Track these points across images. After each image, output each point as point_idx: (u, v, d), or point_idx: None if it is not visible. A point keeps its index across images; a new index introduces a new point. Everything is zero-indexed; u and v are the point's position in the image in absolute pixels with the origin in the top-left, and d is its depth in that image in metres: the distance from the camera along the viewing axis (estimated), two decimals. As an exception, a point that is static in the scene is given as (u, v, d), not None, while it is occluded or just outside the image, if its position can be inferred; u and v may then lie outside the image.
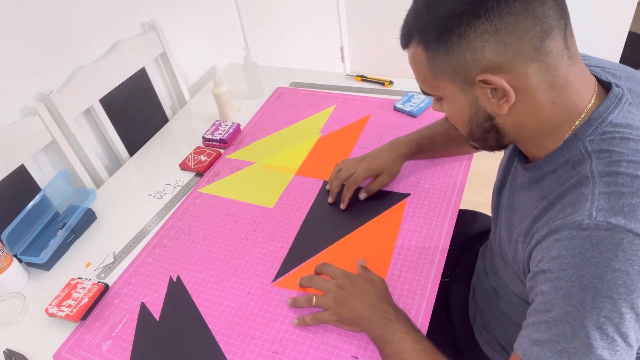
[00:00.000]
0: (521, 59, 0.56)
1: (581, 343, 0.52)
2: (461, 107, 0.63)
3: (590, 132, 0.59)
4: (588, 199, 0.55)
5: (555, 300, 0.54)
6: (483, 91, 0.59)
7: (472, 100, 0.61)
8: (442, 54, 0.59)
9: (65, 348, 0.86)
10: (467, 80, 0.59)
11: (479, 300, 0.93)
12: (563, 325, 0.53)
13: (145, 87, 1.38)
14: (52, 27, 1.12)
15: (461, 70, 0.59)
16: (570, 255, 0.53)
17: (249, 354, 0.80)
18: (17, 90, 1.07)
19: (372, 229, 0.98)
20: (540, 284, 0.57)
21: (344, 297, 0.80)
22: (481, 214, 1.17)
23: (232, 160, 1.23)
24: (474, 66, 0.58)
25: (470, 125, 0.64)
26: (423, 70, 0.63)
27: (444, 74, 0.61)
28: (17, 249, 1.00)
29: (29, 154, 1.08)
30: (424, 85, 0.66)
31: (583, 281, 0.52)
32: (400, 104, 1.28)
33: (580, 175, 0.57)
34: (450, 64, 0.59)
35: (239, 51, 1.70)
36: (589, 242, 0.52)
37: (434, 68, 0.61)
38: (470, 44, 0.56)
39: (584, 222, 0.53)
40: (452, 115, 0.66)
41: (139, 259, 1.00)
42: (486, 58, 0.56)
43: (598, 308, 0.51)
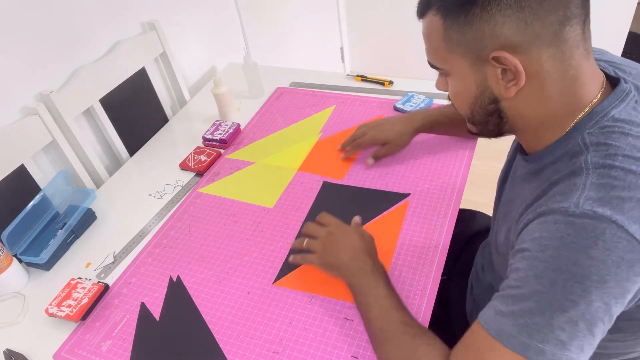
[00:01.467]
0: (538, 41, 0.55)
1: (543, 321, 0.53)
2: (468, 85, 0.62)
3: (590, 125, 0.59)
4: (579, 189, 0.55)
5: (528, 277, 0.55)
6: (493, 70, 0.59)
7: (481, 79, 0.60)
8: (461, 25, 0.58)
9: (65, 348, 0.86)
10: (480, 57, 0.58)
11: (476, 296, 0.93)
12: (530, 301, 0.54)
13: (145, 87, 1.38)
14: (52, 27, 1.12)
15: (477, 44, 0.58)
16: (551, 238, 0.54)
17: (249, 354, 0.80)
18: (17, 90, 1.07)
19: (373, 229, 0.97)
20: (517, 261, 0.58)
21: (331, 243, 0.85)
22: (479, 213, 1.17)
23: (232, 160, 1.23)
24: (490, 42, 0.57)
25: (474, 106, 0.64)
26: (437, 40, 0.61)
27: (458, 46, 0.59)
28: (17, 249, 1.00)
29: (29, 154, 1.08)
30: (434, 57, 0.65)
31: (558, 264, 0.53)
32: (400, 104, 1.28)
33: (575, 165, 0.58)
34: (466, 36, 0.58)
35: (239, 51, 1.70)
36: (571, 228, 0.53)
37: (449, 39, 0.60)
38: (491, 17, 0.55)
39: (570, 209, 0.54)
40: (457, 92, 0.65)
41: (139, 259, 1.00)
42: (504, 34, 0.56)
43: (568, 292, 0.52)
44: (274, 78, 1.51)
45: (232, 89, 1.44)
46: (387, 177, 1.09)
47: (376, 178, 1.09)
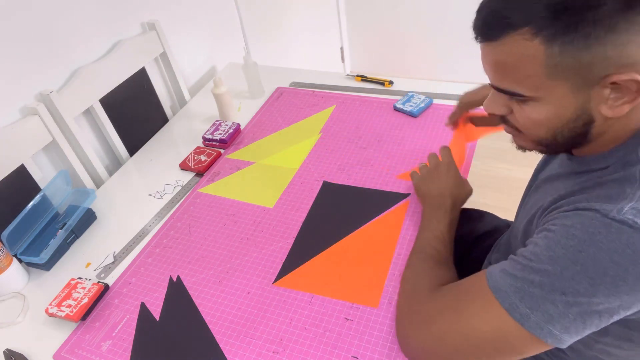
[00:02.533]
0: None
1: (540, 293, 0.55)
2: (563, 111, 0.56)
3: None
4: (627, 197, 0.53)
5: (542, 255, 0.56)
6: (600, 92, 0.53)
7: (582, 102, 0.54)
8: (576, 50, 0.50)
9: (65, 348, 0.86)
10: (589, 81, 0.52)
11: None
12: (535, 275, 0.55)
13: (145, 87, 1.38)
14: (52, 27, 1.12)
15: (591, 68, 0.51)
16: (581, 230, 0.54)
17: (249, 354, 0.80)
18: (17, 90, 1.07)
19: (373, 229, 0.98)
20: (539, 237, 0.58)
21: (433, 176, 0.95)
22: (488, 213, 1.17)
23: (232, 160, 1.23)
24: (610, 64, 0.50)
25: (561, 130, 0.58)
26: (533, 67, 0.53)
27: (564, 72, 0.52)
28: (17, 249, 1.00)
29: (29, 154, 1.08)
30: (521, 85, 0.56)
31: (578, 256, 0.53)
32: (400, 104, 1.28)
33: (628, 173, 0.56)
34: (582, 61, 0.51)
35: (239, 51, 1.70)
36: (606, 229, 0.52)
37: (554, 65, 0.52)
38: (617, 38, 0.49)
39: (611, 214, 0.53)
40: (540, 119, 0.58)
41: (139, 259, 1.00)
42: (627, 54, 0.49)
43: (575, 281, 0.53)
44: (274, 78, 1.51)
45: (232, 89, 1.44)
46: (387, 177, 1.09)
47: (376, 178, 1.09)
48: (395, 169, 1.10)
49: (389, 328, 0.80)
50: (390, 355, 0.77)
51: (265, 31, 2.02)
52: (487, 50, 0.57)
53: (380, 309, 0.83)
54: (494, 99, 0.62)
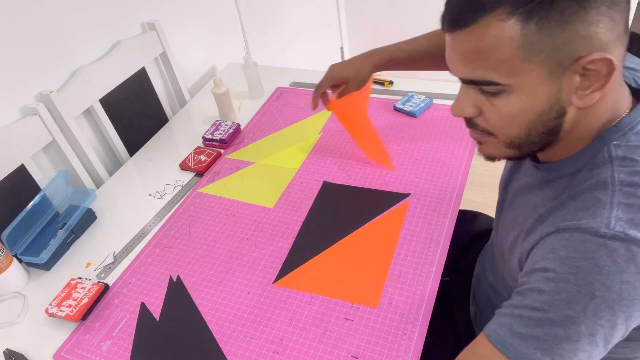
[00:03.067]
0: (619, 40, 0.51)
1: (570, 346, 0.51)
2: (537, 100, 0.53)
3: (617, 137, 0.56)
4: (606, 206, 0.53)
5: (556, 301, 0.52)
6: (571, 79, 0.52)
7: (555, 90, 0.53)
8: (552, 26, 0.49)
9: (65, 348, 0.86)
10: (562, 64, 0.51)
11: (479, 299, 0.93)
12: (558, 327, 0.52)
13: (145, 87, 1.38)
14: (52, 27, 1.12)
15: (565, 48, 0.50)
16: (581, 259, 0.51)
17: (249, 354, 0.80)
18: (17, 90, 1.07)
19: (373, 229, 0.98)
20: (537, 282, 0.54)
21: None
22: (481, 214, 1.17)
23: (232, 160, 1.23)
24: (583, 44, 0.49)
25: (534, 124, 0.56)
26: (508, 50, 0.51)
27: (540, 53, 0.50)
28: (17, 249, 1.00)
29: (29, 154, 1.08)
30: (495, 71, 0.53)
31: (591, 288, 0.50)
32: (400, 104, 1.28)
33: (598, 179, 0.55)
34: (556, 39, 0.49)
35: (239, 51, 1.70)
36: (603, 250, 0.51)
37: (530, 45, 0.50)
38: (587, 16, 0.48)
39: (602, 230, 0.51)
40: (515, 113, 0.55)
41: (139, 259, 1.00)
42: (598, 35, 0.49)
43: (597, 317, 0.50)
44: (274, 78, 1.51)
45: (232, 89, 1.44)
46: (387, 177, 1.09)
47: (376, 178, 1.09)
48: (395, 169, 1.10)
49: (389, 328, 0.80)
50: (390, 355, 0.77)
51: (265, 31, 2.02)
52: (459, 39, 0.54)
53: (380, 309, 0.83)
54: (462, 98, 0.59)
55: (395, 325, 0.80)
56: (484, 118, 0.58)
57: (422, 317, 0.81)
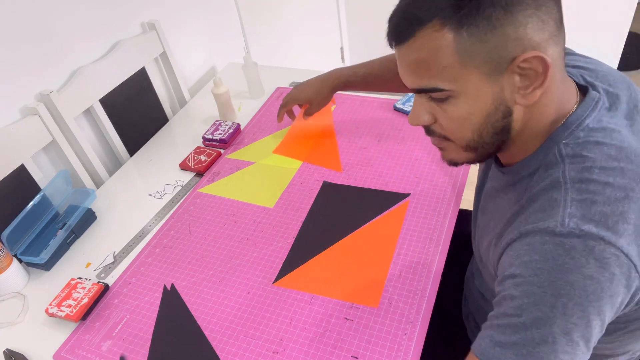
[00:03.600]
0: (552, 39, 0.54)
1: (547, 348, 0.52)
2: (481, 102, 0.57)
3: (566, 136, 0.58)
4: (560, 205, 0.54)
5: (526, 305, 0.53)
6: (511, 78, 0.55)
7: (498, 90, 0.56)
8: (482, 32, 0.52)
9: (65, 348, 0.86)
10: (500, 65, 0.54)
11: (470, 302, 0.93)
12: (532, 330, 0.52)
13: (145, 87, 1.38)
14: (52, 27, 1.12)
15: (499, 51, 0.53)
16: (542, 260, 0.53)
17: (249, 354, 0.80)
18: (17, 90, 1.07)
19: (373, 229, 0.98)
20: (508, 288, 0.55)
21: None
22: None
23: (232, 160, 1.23)
24: (515, 45, 0.53)
25: (484, 126, 0.58)
26: (446, 57, 0.54)
27: (475, 58, 0.54)
28: (17, 249, 1.00)
29: (29, 154, 1.08)
30: (438, 78, 0.56)
31: (555, 287, 0.51)
32: (400, 104, 1.28)
33: (551, 178, 0.57)
34: (488, 43, 0.53)
35: (239, 51, 1.70)
36: (561, 248, 0.52)
37: (465, 51, 0.53)
38: (514, 19, 0.52)
39: (557, 229, 0.53)
40: (463, 116, 0.58)
41: (139, 259, 1.00)
42: (528, 35, 0.52)
43: (568, 315, 0.51)
44: (274, 78, 1.51)
45: (232, 89, 1.44)
46: (387, 177, 1.09)
47: (376, 178, 1.09)
48: (395, 169, 1.10)
49: (389, 328, 0.80)
50: (390, 355, 0.77)
51: (266, 31, 2.02)
52: (403, 52, 0.58)
53: (380, 309, 0.83)
54: (417, 108, 0.62)
55: (395, 325, 0.80)
56: (439, 124, 0.62)
57: (422, 317, 0.81)
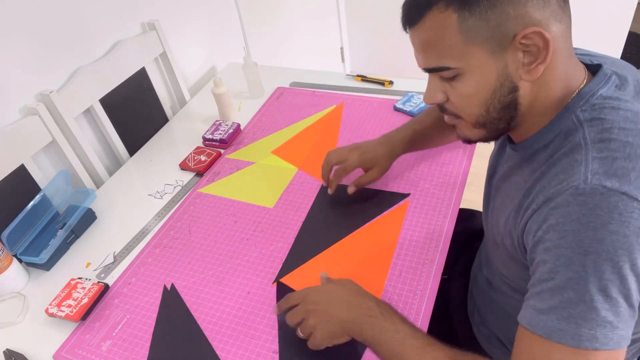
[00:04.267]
0: (553, 17, 0.56)
1: (586, 307, 0.53)
2: (486, 79, 0.60)
3: (582, 104, 0.60)
4: (582, 164, 0.56)
5: (558, 267, 0.54)
6: (514, 55, 0.58)
7: (502, 67, 0.59)
8: (483, 10, 0.56)
9: (65, 348, 0.86)
10: (502, 42, 0.57)
11: (476, 295, 0.93)
12: (567, 291, 0.54)
13: (145, 87, 1.38)
14: (52, 27, 1.12)
15: (500, 28, 0.56)
16: (568, 222, 0.54)
17: (249, 354, 0.80)
18: (17, 90, 1.07)
19: (373, 229, 0.98)
20: (540, 254, 0.57)
21: (318, 313, 0.72)
22: (478, 212, 1.17)
23: (232, 160, 1.23)
24: (516, 23, 0.56)
25: (491, 101, 0.61)
26: (451, 36, 0.58)
27: (478, 36, 0.57)
28: (17, 249, 1.00)
29: (29, 154, 1.08)
30: (446, 56, 0.60)
31: (583, 246, 0.53)
32: (400, 104, 1.28)
33: (572, 143, 0.59)
34: (489, 21, 0.56)
35: (239, 51, 1.70)
36: (585, 208, 0.53)
37: (468, 30, 0.57)
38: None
39: (580, 187, 0.54)
40: (470, 92, 0.62)
41: (139, 259, 1.00)
42: (528, 13, 0.55)
43: (600, 271, 0.52)
44: (274, 78, 1.51)
45: (232, 89, 1.44)
46: (387, 177, 1.09)
47: (376, 178, 1.09)
48: (395, 169, 1.10)
49: (389, 328, 0.80)
50: (390, 355, 0.77)
51: (266, 31, 2.02)
52: (414, 35, 0.63)
53: (380, 309, 0.83)
54: (430, 87, 0.66)
55: (395, 325, 0.80)
56: (450, 102, 0.66)
57: (422, 317, 0.81)
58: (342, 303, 0.72)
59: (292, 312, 0.75)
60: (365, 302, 0.72)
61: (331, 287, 0.77)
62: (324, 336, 0.71)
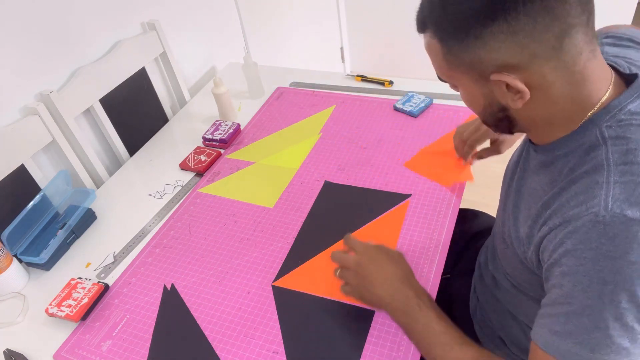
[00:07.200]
0: (537, 59, 0.55)
1: (601, 334, 0.53)
2: (475, 97, 0.64)
3: (607, 119, 0.58)
4: (603, 187, 0.55)
5: (575, 293, 0.54)
6: (498, 86, 0.59)
7: (487, 92, 0.61)
8: (457, 51, 0.59)
9: (65, 348, 0.86)
10: (482, 76, 0.59)
11: (479, 294, 0.93)
12: (583, 318, 0.54)
13: (145, 87, 1.38)
14: (52, 27, 1.12)
15: (476, 66, 0.59)
16: (586, 250, 0.54)
17: (249, 354, 0.80)
18: (17, 90, 1.07)
19: (373, 229, 0.98)
20: (557, 277, 0.57)
21: (363, 276, 0.76)
22: (482, 213, 1.17)
23: (232, 160, 1.23)
24: (489, 64, 0.57)
25: (484, 113, 0.65)
26: (438, 60, 0.63)
27: (459, 67, 0.60)
28: (17, 249, 1.00)
29: (29, 154, 1.08)
30: (439, 72, 0.66)
31: (601, 275, 0.52)
32: (400, 104, 1.28)
33: (595, 161, 0.57)
34: (465, 60, 0.59)
35: (239, 51, 1.70)
36: (604, 237, 0.53)
37: (449, 61, 0.61)
38: (485, 44, 0.56)
39: (600, 214, 0.53)
40: (467, 101, 0.67)
41: (139, 259, 1.00)
42: (501, 58, 0.56)
43: (617, 300, 0.52)
44: (274, 78, 1.51)
45: (232, 89, 1.44)
46: (387, 177, 1.09)
47: (377, 178, 1.09)
48: (395, 169, 1.10)
49: (389, 328, 0.80)
50: (391, 355, 0.77)
51: (266, 31, 2.02)
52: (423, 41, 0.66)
53: (380, 309, 0.83)
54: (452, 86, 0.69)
55: (395, 325, 0.80)
56: None
57: (422, 317, 0.81)
58: (387, 284, 0.75)
59: (344, 258, 0.79)
60: (406, 290, 0.74)
61: (385, 263, 0.77)
62: (355, 296, 0.78)
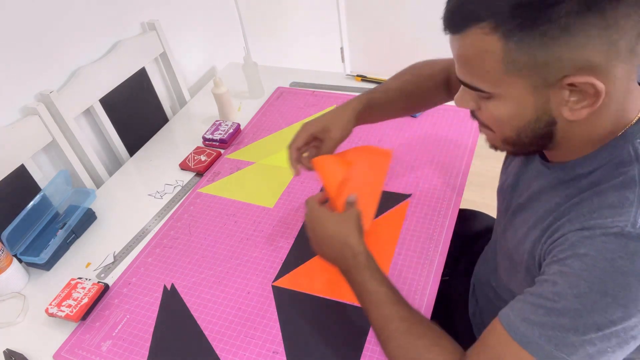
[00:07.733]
0: (617, 59, 0.49)
1: (575, 337, 0.51)
2: (523, 110, 0.55)
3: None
4: (634, 205, 0.52)
5: (566, 294, 0.52)
6: (560, 93, 0.52)
7: (542, 102, 0.53)
8: (531, 47, 0.49)
9: (65, 348, 0.86)
10: (548, 80, 0.51)
11: (479, 297, 0.93)
12: (564, 318, 0.52)
13: (145, 87, 1.38)
14: (52, 27, 1.12)
15: (548, 68, 0.50)
16: (599, 259, 0.51)
17: (249, 354, 0.80)
18: (17, 90, 1.07)
19: (373, 229, 0.97)
20: (553, 274, 0.55)
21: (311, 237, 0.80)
22: (481, 214, 1.17)
23: (232, 160, 1.23)
24: (567, 65, 0.49)
25: (524, 130, 0.57)
26: (491, 62, 0.53)
27: (522, 69, 0.52)
28: (17, 249, 1.00)
29: (29, 154, 1.08)
30: (480, 80, 0.55)
31: (604, 286, 0.50)
32: (400, 104, 1.27)
33: (625, 177, 0.54)
34: (537, 59, 0.50)
35: (239, 51, 1.70)
36: (624, 251, 0.50)
37: (511, 62, 0.51)
38: (572, 39, 0.48)
39: (626, 229, 0.51)
40: (502, 117, 0.57)
41: (139, 259, 1.00)
42: (585, 57, 0.48)
43: (609, 313, 0.50)
44: (274, 78, 1.51)
45: (232, 89, 1.44)
46: (387, 177, 1.09)
47: (376, 178, 1.09)
48: (395, 169, 1.10)
49: (389, 328, 0.80)
50: (390, 355, 0.77)
51: (265, 31, 2.02)
52: (453, 42, 0.57)
53: (380, 309, 0.83)
54: (463, 93, 0.62)
55: None
56: (482, 114, 0.61)
57: (422, 317, 0.81)
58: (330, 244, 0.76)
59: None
60: (345, 251, 0.74)
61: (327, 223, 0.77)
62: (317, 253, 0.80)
